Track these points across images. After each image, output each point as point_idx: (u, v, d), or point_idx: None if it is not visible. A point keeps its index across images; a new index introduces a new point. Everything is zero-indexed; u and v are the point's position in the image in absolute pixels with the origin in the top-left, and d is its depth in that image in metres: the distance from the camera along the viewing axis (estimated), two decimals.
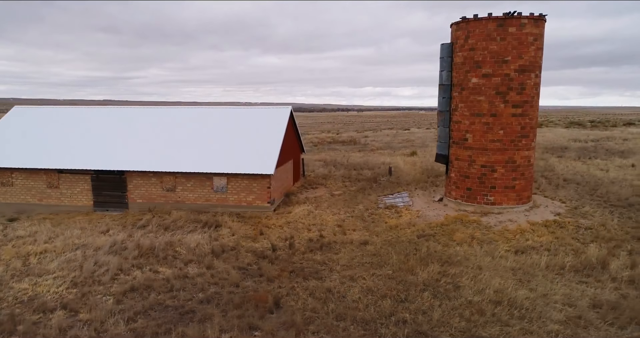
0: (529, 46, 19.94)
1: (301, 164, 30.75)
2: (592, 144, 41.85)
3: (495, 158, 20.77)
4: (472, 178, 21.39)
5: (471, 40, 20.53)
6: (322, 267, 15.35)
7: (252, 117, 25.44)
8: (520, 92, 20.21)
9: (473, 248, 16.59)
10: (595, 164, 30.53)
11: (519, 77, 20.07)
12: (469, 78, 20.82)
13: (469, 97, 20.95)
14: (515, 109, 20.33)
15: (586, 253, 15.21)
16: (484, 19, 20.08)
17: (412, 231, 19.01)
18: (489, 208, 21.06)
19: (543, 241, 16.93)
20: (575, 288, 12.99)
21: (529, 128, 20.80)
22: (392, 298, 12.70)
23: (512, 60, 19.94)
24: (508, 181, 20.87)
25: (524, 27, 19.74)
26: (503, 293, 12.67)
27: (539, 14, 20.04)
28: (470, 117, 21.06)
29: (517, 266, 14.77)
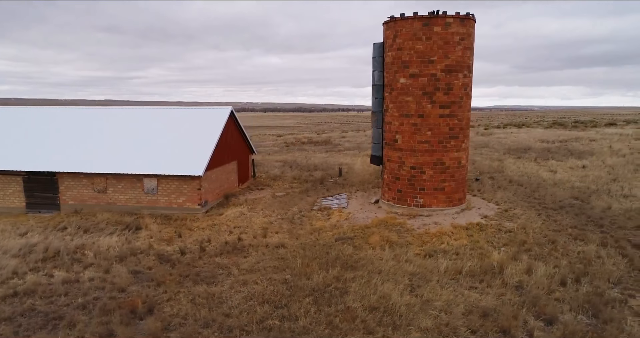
0: (455, 46, 19.61)
1: (251, 165, 30.44)
2: (558, 145, 41.52)
3: (423, 160, 20.45)
4: (402, 180, 21.07)
5: (399, 39, 20.22)
6: (221, 271, 15.03)
7: (190, 118, 25.14)
8: (448, 92, 19.89)
9: (383, 252, 16.25)
10: (548, 166, 30.19)
11: (445, 77, 19.74)
12: (398, 78, 20.52)
13: (398, 97, 20.64)
14: (443, 109, 20.01)
15: (490, 258, 14.88)
16: (410, 18, 19.77)
17: (334, 233, 18.68)
18: (419, 210, 20.75)
19: (456, 245, 16.60)
20: (461, 293, 12.66)
21: (458, 129, 20.46)
22: (271, 304, 12.37)
23: (438, 60, 19.62)
24: (437, 183, 20.55)
25: (450, 26, 19.41)
26: (386, 299, 12.33)
27: (466, 14, 19.72)
28: (400, 118, 20.75)
29: (417, 271, 14.43)
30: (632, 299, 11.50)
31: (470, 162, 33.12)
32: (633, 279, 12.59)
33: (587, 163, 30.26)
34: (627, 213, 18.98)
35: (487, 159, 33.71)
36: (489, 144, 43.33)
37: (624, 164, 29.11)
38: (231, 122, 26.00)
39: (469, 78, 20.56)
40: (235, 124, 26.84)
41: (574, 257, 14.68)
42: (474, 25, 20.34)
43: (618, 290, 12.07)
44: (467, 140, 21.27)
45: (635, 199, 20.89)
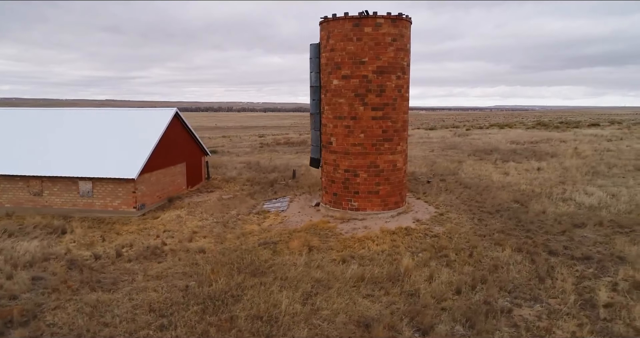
0: (387, 47, 19.28)
1: (205, 167, 30.12)
2: (526, 146, 41.18)
3: (357, 163, 20.12)
4: (337, 183, 20.75)
5: (331, 40, 19.90)
6: (126, 277, 14.70)
7: (133, 120, 24.80)
8: (380, 94, 19.56)
9: (300, 257, 15.91)
10: (505, 168, 29.85)
11: (377, 79, 19.42)
12: (331, 80, 20.20)
13: (332, 99, 20.32)
14: (376, 112, 19.68)
15: (400, 264, 14.53)
16: (341, 19, 19.44)
17: (260, 238, 18.35)
18: (353, 213, 20.42)
19: (376, 250, 16.27)
20: (355, 302, 12.31)
21: (392, 131, 20.12)
22: (157, 313, 12.04)
23: (370, 61, 19.30)
24: (371, 187, 20.23)
25: (380, 27, 19.09)
26: (275, 308, 12.00)
27: (398, 14, 19.39)
28: (334, 120, 20.43)
29: (323, 277, 14.08)
30: (517, 309, 11.16)
31: (430, 163, 32.81)
32: (529, 288, 12.24)
33: (545, 165, 29.91)
34: (560, 217, 18.64)
35: (448, 161, 33.38)
36: (458, 146, 43.00)
37: (580, 167, 28.76)
38: (177, 124, 25.67)
39: (404, 79, 20.23)
40: (182, 126, 26.50)
41: (485, 263, 14.34)
42: (408, 26, 20.01)
43: (510, 298, 11.72)
44: (404, 143, 20.93)
45: (573, 203, 20.55)
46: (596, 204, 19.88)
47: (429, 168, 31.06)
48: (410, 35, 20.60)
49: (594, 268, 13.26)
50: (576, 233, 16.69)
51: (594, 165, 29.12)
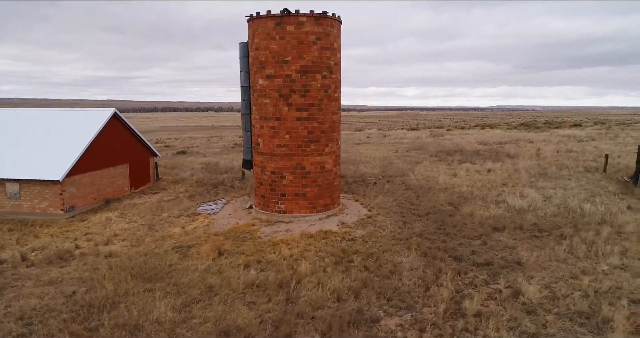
0: (310, 46, 18.83)
1: (154, 168, 29.70)
2: (493, 147, 40.70)
3: (283, 164, 19.69)
4: (264, 185, 20.32)
5: (256, 39, 19.46)
6: (17, 283, 14.27)
7: (66, 120, 24.35)
8: (304, 94, 19.12)
9: (205, 261, 15.48)
10: (457, 169, 29.39)
11: (301, 78, 18.97)
12: (257, 79, 19.76)
13: (258, 99, 19.89)
14: (300, 112, 19.23)
15: (298, 269, 14.09)
16: (263, 17, 19.00)
17: (177, 241, 17.91)
18: (280, 216, 19.99)
19: (285, 255, 15.81)
20: (235, 309, 11.86)
21: (319, 132, 19.68)
22: (24, 321, 11.63)
23: (293, 60, 18.85)
24: (298, 189, 19.79)
25: (303, 25, 18.64)
26: (147, 316, 11.57)
27: (322, 12, 18.94)
28: (260, 120, 20.00)
29: (217, 283, 13.63)
30: (387, 318, 10.72)
31: (387, 164, 32.35)
32: (411, 295, 11.79)
33: (498, 166, 29.44)
34: (485, 220, 18.18)
35: (406, 163, 32.93)
36: (425, 147, 42.54)
37: (532, 168, 28.28)
38: (116, 125, 25.22)
39: (332, 79, 19.78)
40: (124, 127, 26.05)
41: (384, 269, 13.87)
42: (335, 24, 19.55)
43: (386, 307, 11.27)
44: (334, 144, 20.47)
45: (505, 205, 20.08)
46: (526, 207, 19.41)
47: (383, 169, 30.60)
48: (340, 34, 20.16)
49: (487, 275, 12.80)
50: (492, 237, 16.23)
51: (546, 166, 28.64)
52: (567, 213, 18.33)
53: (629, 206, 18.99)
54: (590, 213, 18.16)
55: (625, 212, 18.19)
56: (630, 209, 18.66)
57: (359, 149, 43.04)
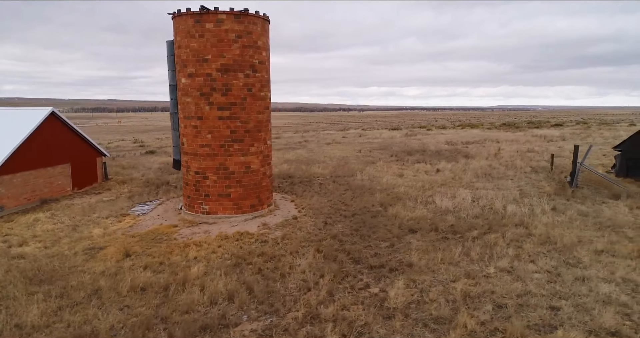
0: (231, 44, 18.51)
1: (102, 168, 29.38)
2: (457, 147, 40.38)
3: (206, 164, 19.36)
4: (190, 185, 20.01)
5: (178, 37, 19.15)
6: None
7: (2, 119, 24.01)
8: (226, 93, 18.79)
9: (104, 265, 15.14)
10: (408, 169, 29.07)
11: (222, 77, 18.64)
12: (180, 78, 19.44)
13: (181, 98, 19.58)
14: (222, 111, 18.91)
15: (188, 272, 13.76)
16: (183, 15, 18.69)
17: (93, 243, 17.58)
18: (205, 217, 19.67)
19: (190, 257, 15.48)
20: (104, 313, 11.54)
21: (243, 131, 19.35)
22: None
23: (213, 59, 18.53)
24: (222, 189, 19.47)
25: (222, 23, 18.32)
26: (14, 319, 11.25)
27: (243, 10, 18.61)
28: (184, 120, 19.68)
29: (105, 286, 13.32)
30: (248, 323, 10.38)
31: (342, 164, 32.02)
32: (285, 299, 11.45)
33: (450, 166, 29.11)
34: (407, 221, 17.85)
35: (362, 162, 32.61)
36: (390, 147, 42.23)
37: (481, 168, 27.94)
38: (54, 125, 24.88)
39: (256, 78, 19.44)
40: (64, 127, 25.72)
41: (280, 271, 13.55)
42: (258, 22, 19.20)
43: (255, 311, 10.94)
44: (260, 143, 20.13)
45: (432, 206, 19.75)
46: (451, 208, 19.08)
47: (335, 169, 30.27)
48: (266, 32, 19.84)
49: (372, 278, 12.47)
50: (404, 239, 15.90)
51: (496, 167, 28.33)
52: (489, 214, 17.99)
53: (554, 207, 18.65)
54: (511, 214, 17.83)
55: (547, 213, 17.86)
56: (554, 210, 18.32)
57: (325, 149, 42.72)
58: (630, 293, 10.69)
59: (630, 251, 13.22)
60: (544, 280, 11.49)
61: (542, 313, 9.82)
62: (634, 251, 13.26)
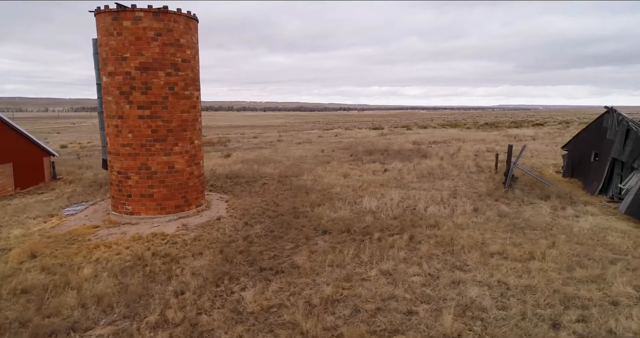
0: (149, 42, 18.21)
1: (50, 167, 29.13)
2: (422, 147, 40.10)
3: (128, 164, 19.08)
4: (113, 185, 19.75)
5: (99, 35, 18.87)
6: None
7: None
8: (146, 92, 18.50)
9: (2, 267, 14.86)
10: (358, 169, 28.78)
11: (141, 76, 18.36)
12: (102, 77, 19.16)
13: (104, 97, 19.28)
14: (142, 110, 18.62)
15: (76, 275, 13.47)
16: (102, 12, 18.39)
17: (5, 244, 17.29)
18: (128, 218, 19.39)
19: (94, 258, 15.17)
20: None
21: (165, 131, 19.06)
22: None
23: (132, 57, 18.23)
24: (144, 190, 19.18)
25: (140, 21, 18.02)
26: None
27: (163, 7, 18.32)
28: (107, 119, 19.41)
29: None
30: (101, 328, 10.11)
31: (295, 164, 31.74)
32: (154, 303, 11.14)
33: (400, 166, 28.82)
34: (327, 222, 17.56)
35: (317, 162, 32.34)
36: (354, 146, 41.97)
37: (429, 168, 27.66)
38: None
39: (180, 76, 19.14)
40: (5, 126, 25.44)
41: (166, 274, 13.28)
42: (179, 20, 18.89)
43: (117, 316, 10.65)
44: (186, 143, 19.84)
45: (357, 207, 19.46)
46: (374, 209, 18.81)
47: (286, 169, 29.99)
48: (191, 30, 19.53)
49: (254, 281, 12.19)
50: (313, 240, 15.63)
51: (445, 166, 28.03)
52: (408, 215, 17.70)
53: (476, 208, 18.37)
54: (430, 215, 17.56)
55: (466, 214, 17.58)
56: (476, 211, 18.04)
57: (291, 149, 42.45)
58: (497, 297, 10.40)
59: (522, 254, 12.93)
60: (419, 284, 11.20)
61: (395, 317, 9.54)
62: (525, 253, 12.97)
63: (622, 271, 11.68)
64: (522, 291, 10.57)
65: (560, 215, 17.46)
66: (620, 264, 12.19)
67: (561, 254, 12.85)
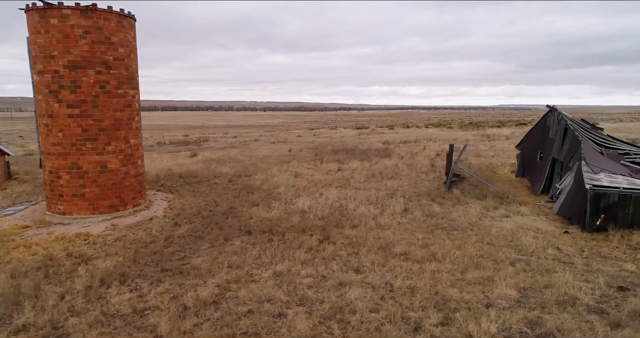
0: (78, 40, 18.00)
1: (4, 167, 28.94)
2: (390, 146, 39.90)
3: (59, 164, 18.87)
4: (47, 185, 19.54)
5: (29, 33, 18.64)
6: None
7: None
8: (75, 91, 18.29)
9: None
10: (315, 169, 28.58)
11: (70, 74, 18.14)
12: (33, 75, 18.94)
13: (36, 96, 19.06)
14: (72, 109, 18.41)
15: None
16: (30, 10, 18.18)
17: None
18: (61, 218, 19.18)
19: (7, 259, 15.01)
20: None
21: (97, 130, 18.85)
22: None
23: (60, 55, 18.02)
24: (76, 189, 18.98)
25: (68, 18, 17.81)
26: None
27: (91, 5, 18.11)
28: (39, 118, 19.18)
29: None
30: None
31: (254, 164, 31.54)
32: (21, 308, 10.87)
33: (357, 166, 28.62)
34: (254, 222, 17.34)
35: (277, 162, 32.12)
36: (324, 146, 41.76)
37: (382, 168, 27.45)
38: None
39: (111, 75, 18.92)
40: None
41: (66, 276, 13.07)
42: (110, 17, 18.64)
43: None
44: (120, 142, 19.61)
45: (292, 206, 19.25)
46: (306, 209, 18.60)
47: (243, 169, 29.78)
48: (124, 28, 19.30)
49: (148, 282, 11.97)
50: (232, 241, 15.43)
51: (400, 166, 27.82)
52: (336, 215, 17.48)
53: (407, 208, 18.17)
54: (359, 214, 17.35)
55: (395, 214, 17.38)
56: (406, 211, 17.84)
57: (260, 149, 42.25)
58: (376, 299, 10.18)
59: (425, 255, 12.71)
60: (305, 286, 10.99)
61: (261, 320, 9.33)
62: (428, 254, 12.75)
63: (517, 272, 11.48)
64: (403, 294, 10.36)
65: (488, 215, 17.25)
66: (519, 265, 11.97)
67: (464, 255, 12.64)
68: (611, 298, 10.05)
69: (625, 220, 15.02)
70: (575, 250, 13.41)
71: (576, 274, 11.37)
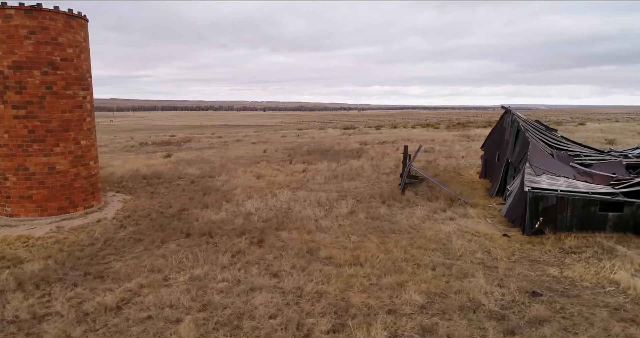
0: (22, 40, 17.85)
1: None
2: (366, 147, 39.72)
3: (5, 165, 18.73)
4: None
5: None
6: None
7: None
8: (20, 91, 18.14)
9: None
10: (282, 170, 28.43)
11: (15, 74, 17.99)
12: None
13: None
14: (17, 110, 18.26)
15: None
16: None
17: None
18: (8, 219, 19.02)
19: None
20: None
21: (44, 131, 18.70)
22: None
23: (4, 56, 17.87)
24: (23, 191, 18.83)
25: (12, 18, 17.66)
26: None
27: (36, 5, 17.96)
28: None
29: None
30: None
31: (222, 165, 31.37)
32: None
33: (323, 166, 28.47)
34: (198, 224, 17.19)
35: (245, 163, 31.97)
36: (300, 147, 41.58)
37: (348, 169, 27.28)
38: None
39: (59, 75, 18.77)
40: None
41: None
42: (57, 18, 18.47)
43: None
44: (69, 143, 19.47)
45: (240, 208, 19.09)
46: (253, 211, 18.44)
47: (210, 170, 29.62)
48: (72, 28, 19.14)
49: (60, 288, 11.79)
50: (167, 244, 15.25)
51: (365, 167, 27.66)
52: (281, 217, 17.32)
53: (353, 210, 18.01)
54: (302, 217, 17.19)
55: (339, 216, 17.22)
56: (352, 213, 17.68)
57: (237, 149, 42.10)
58: (281, 305, 10.01)
59: (348, 259, 12.54)
60: (216, 291, 10.83)
61: (154, 327, 9.17)
62: (352, 258, 12.59)
63: (434, 277, 11.31)
64: (310, 299, 10.20)
65: (433, 217, 17.08)
66: (440, 269, 11.80)
67: (388, 259, 12.48)
68: (518, 304, 9.89)
69: (564, 222, 14.85)
70: (505, 253, 13.25)
71: (493, 279, 11.21)
